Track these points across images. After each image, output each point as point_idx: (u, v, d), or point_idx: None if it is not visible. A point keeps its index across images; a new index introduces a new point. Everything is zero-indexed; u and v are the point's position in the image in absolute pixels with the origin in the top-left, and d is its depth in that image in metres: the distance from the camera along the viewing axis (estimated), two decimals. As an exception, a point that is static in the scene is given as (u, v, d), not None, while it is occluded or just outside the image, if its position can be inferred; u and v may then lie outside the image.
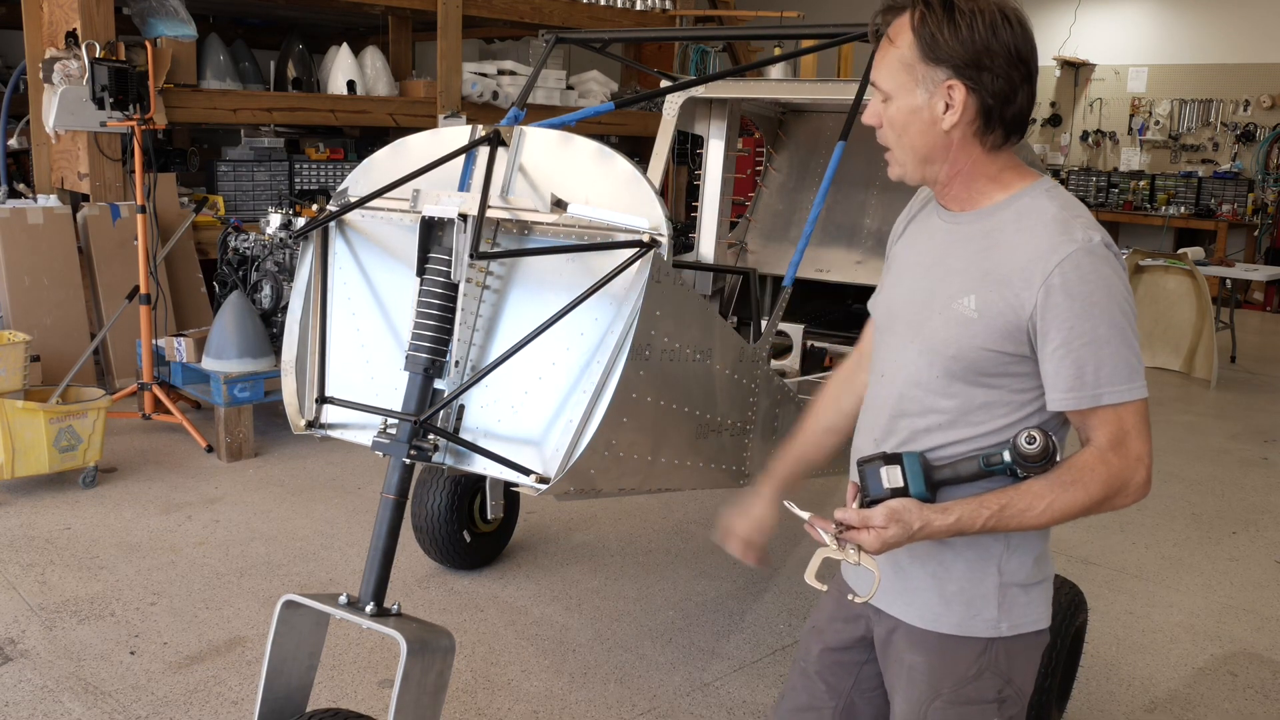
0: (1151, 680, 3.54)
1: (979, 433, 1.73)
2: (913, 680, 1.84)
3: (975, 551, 1.78)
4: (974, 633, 1.79)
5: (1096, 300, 1.61)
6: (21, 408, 4.61)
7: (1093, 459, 1.66)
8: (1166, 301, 8.20)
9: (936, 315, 1.73)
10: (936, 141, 1.69)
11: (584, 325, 2.43)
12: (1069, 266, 1.61)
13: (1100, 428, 1.66)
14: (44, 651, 3.41)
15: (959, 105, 1.66)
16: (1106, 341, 1.62)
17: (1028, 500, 1.66)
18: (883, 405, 1.83)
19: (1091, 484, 1.65)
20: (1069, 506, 1.65)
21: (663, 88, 3.70)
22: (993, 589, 1.78)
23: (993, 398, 1.71)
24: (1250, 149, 11.88)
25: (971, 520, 1.66)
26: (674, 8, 9.00)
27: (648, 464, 2.71)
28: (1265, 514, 5.18)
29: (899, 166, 1.76)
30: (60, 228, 6.08)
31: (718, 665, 3.51)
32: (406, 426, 2.44)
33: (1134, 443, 1.66)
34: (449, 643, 2.32)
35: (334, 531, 4.48)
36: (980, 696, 1.81)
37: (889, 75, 1.70)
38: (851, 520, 1.69)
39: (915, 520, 1.66)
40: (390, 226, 2.67)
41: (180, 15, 6.43)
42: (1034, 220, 1.67)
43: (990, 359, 1.68)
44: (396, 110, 7.48)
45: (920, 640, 1.83)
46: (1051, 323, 1.62)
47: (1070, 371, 1.63)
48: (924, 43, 1.65)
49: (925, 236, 1.84)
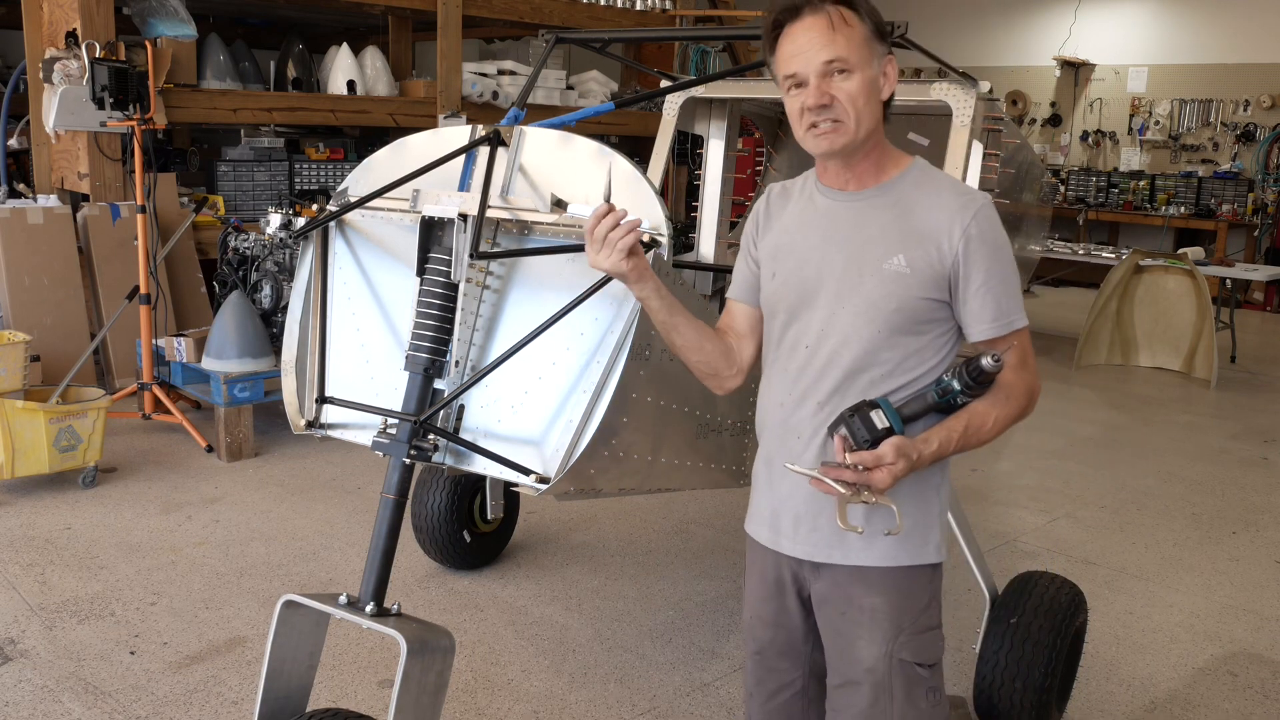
0: (1151, 680, 3.54)
1: (913, 377, 1.97)
2: (876, 622, 2.00)
3: (920, 484, 1.99)
4: (925, 560, 2.01)
5: (1000, 245, 1.95)
6: (21, 408, 4.61)
7: (1012, 376, 1.95)
8: (1166, 301, 8.19)
9: (870, 278, 1.95)
10: (878, 112, 1.95)
11: (584, 325, 2.43)
12: (981, 218, 1.93)
13: (1010, 351, 1.95)
14: (44, 651, 3.41)
15: (892, 78, 1.96)
16: (1009, 279, 1.96)
17: (980, 419, 1.92)
18: (817, 372, 2.00)
19: (1019, 396, 1.95)
20: (1008, 416, 1.94)
21: (663, 88, 3.69)
22: (935, 516, 2.03)
23: (922, 344, 1.97)
24: (1250, 149, 11.88)
25: (947, 443, 1.91)
26: (674, 8, 9.00)
27: (648, 464, 2.71)
28: (1265, 514, 5.18)
29: (843, 136, 1.91)
30: (60, 228, 6.08)
31: (718, 665, 3.51)
32: (406, 426, 2.44)
33: (1030, 359, 1.99)
34: (449, 643, 2.32)
35: (334, 531, 4.48)
36: (930, 623, 2.04)
37: (856, 50, 1.89)
38: (867, 461, 1.84)
39: (913, 451, 1.86)
40: (390, 226, 2.67)
41: (180, 15, 6.43)
42: (934, 186, 1.98)
43: (924, 307, 1.95)
44: (396, 110, 7.48)
45: (878, 580, 2.00)
46: (973, 266, 1.92)
47: (992, 305, 1.94)
48: (873, 22, 1.91)
49: (822, 219, 2.03)
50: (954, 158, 3.20)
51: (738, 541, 4.52)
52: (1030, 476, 5.57)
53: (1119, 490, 5.44)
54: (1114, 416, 6.89)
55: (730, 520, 4.75)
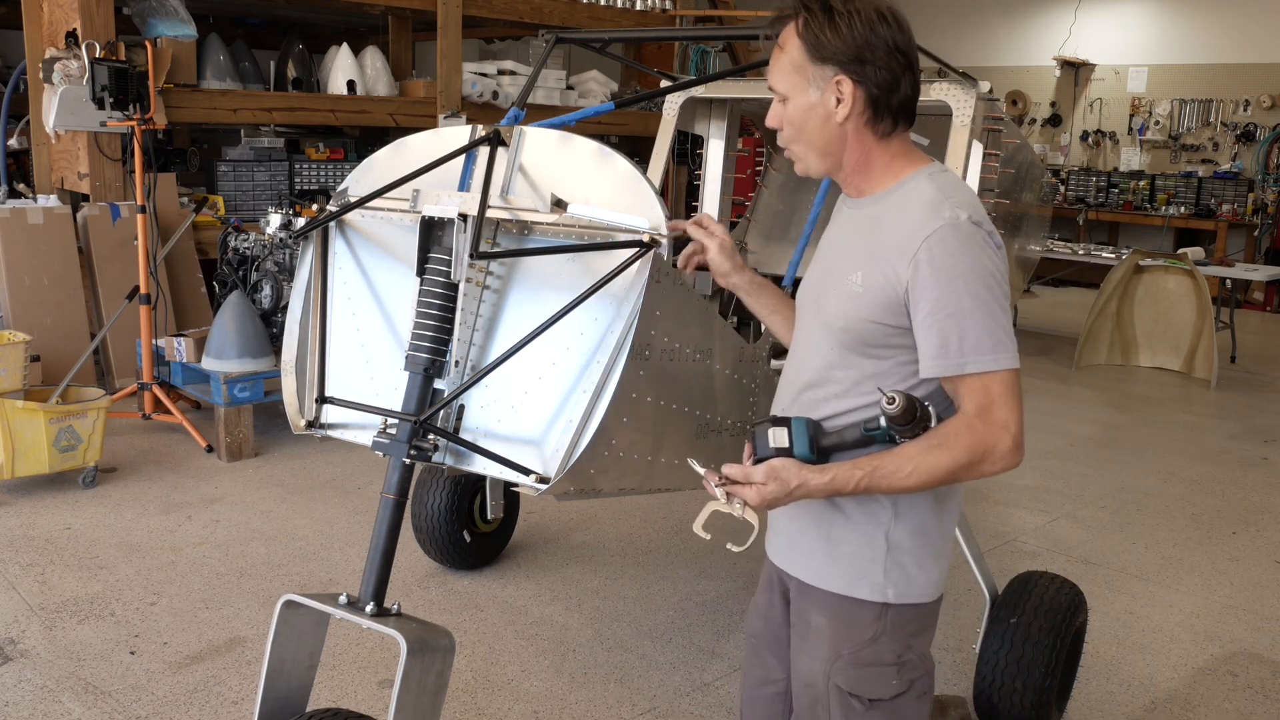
0: (1151, 680, 3.54)
1: (869, 402, 1.85)
2: (817, 640, 1.96)
3: (865, 517, 1.89)
4: (859, 594, 1.90)
5: (960, 273, 1.73)
6: (21, 408, 4.61)
7: (959, 425, 1.75)
8: (1166, 301, 8.20)
9: (832, 292, 1.89)
10: (833, 134, 1.84)
11: (584, 325, 2.43)
12: (934, 241, 1.73)
13: (968, 396, 1.76)
14: (44, 651, 3.41)
15: (848, 98, 1.80)
16: (969, 313, 1.72)
17: (897, 462, 1.75)
18: (792, 378, 2.00)
19: (956, 448, 1.73)
20: (935, 469, 1.74)
21: (663, 88, 3.69)
22: (880, 554, 1.89)
23: (882, 369, 1.84)
24: (1250, 149, 11.88)
25: (845, 480, 1.77)
26: (674, 8, 9.00)
27: (648, 464, 2.70)
28: (1265, 514, 5.18)
29: (801, 162, 1.90)
30: (60, 228, 6.08)
31: (718, 665, 3.51)
32: (406, 426, 2.44)
33: (999, 411, 1.74)
34: (449, 643, 2.32)
35: (334, 531, 4.48)
36: (878, 659, 1.92)
37: (782, 78, 1.84)
38: (735, 475, 1.83)
39: (793, 479, 1.78)
40: (390, 226, 2.67)
41: (180, 15, 6.43)
42: (913, 202, 1.82)
43: (874, 330, 1.82)
44: (396, 110, 7.48)
45: (820, 600, 1.96)
46: (920, 294, 1.74)
47: (935, 340, 1.74)
48: (809, 45, 1.79)
49: (837, 225, 2.01)
50: (954, 158, 3.21)
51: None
52: (1030, 476, 5.57)
53: (1119, 490, 5.44)
54: (1114, 416, 6.89)
55: (730, 520, 4.73)
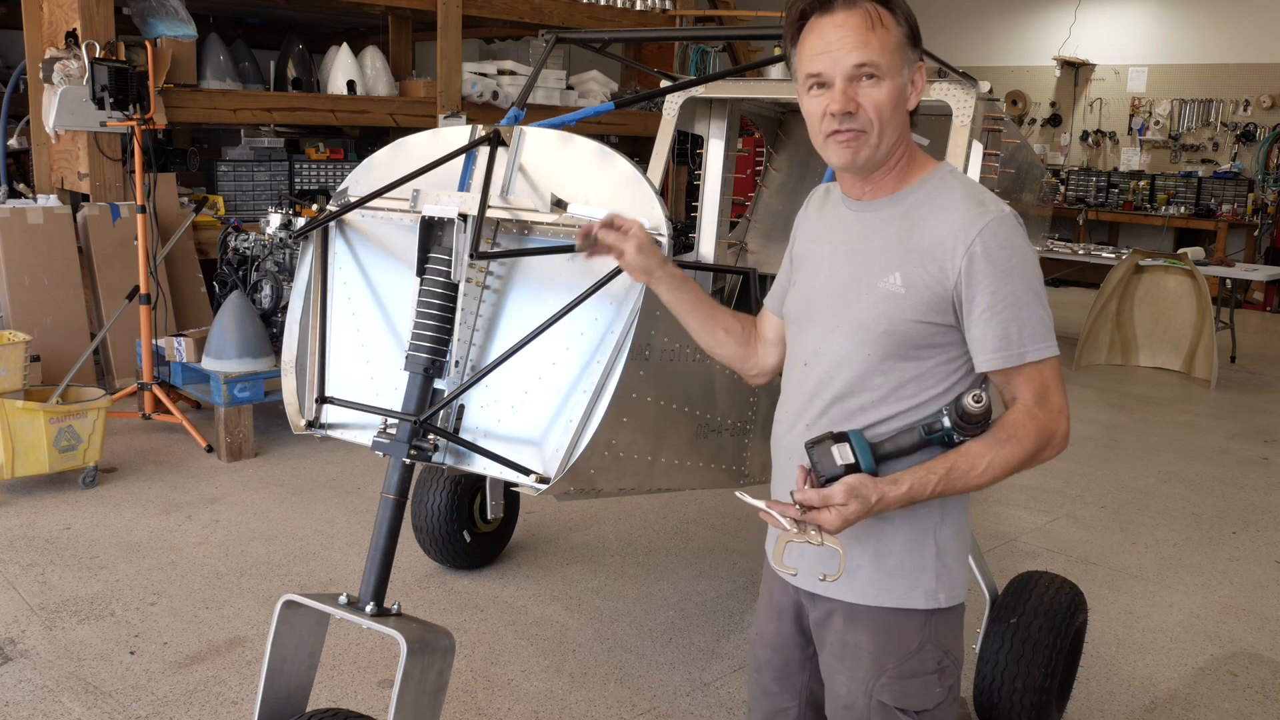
0: (1151, 680, 3.54)
1: (909, 406, 1.80)
2: (858, 659, 1.88)
3: (912, 524, 1.83)
4: (914, 605, 1.85)
5: (1014, 265, 1.72)
6: (21, 408, 4.61)
7: (1022, 415, 1.75)
8: (1166, 301, 8.19)
9: (864, 297, 1.80)
10: (902, 121, 1.79)
11: (584, 325, 2.43)
12: (988, 234, 1.71)
13: (1025, 385, 1.76)
14: (44, 651, 3.41)
15: (920, 87, 1.79)
16: (1026, 304, 1.73)
17: (970, 461, 1.73)
18: (810, 392, 1.88)
19: (1025, 438, 1.74)
20: (1008, 462, 1.74)
21: (663, 88, 3.69)
22: (930, 559, 1.85)
23: (922, 370, 1.79)
24: (1250, 149, 11.88)
25: (923, 487, 1.72)
26: (674, 8, 9.00)
27: (648, 464, 2.71)
28: (1265, 514, 5.18)
29: (869, 149, 1.77)
30: (60, 228, 6.08)
31: (718, 665, 3.51)
32: (406, 426, 2.44)
33: (1055, 396, 1.78)
34: (449, 643, 2.32)
35: (334, 531, 4.48)
36: (923, 669, 1.87)
37: (887, 55, 1.73)
38: (813, 500, 1.71)
39: (872, 494, 1.70)
40: (390, 226, 2.67)
41: (180, 15, 6.43)
42: (947, 198, 1.78)
43: (919, 331, 1.76)
44: (396, 110, 7.48)
45: (864, 618, 1.87)
46: (976, 288, 1.72)
47: (997, 332, 1.72)
48: (908, 26, 1.75)
49: (837, 229, 1.91)
50: (954, 158, 3.20)
51: (738, 541, 4.52)
52: (1030, 476, 5.56)
53: (1119, 490, 5.44)
54: (1114, 416, 6.89)
55: (730, 520, 4.75)
